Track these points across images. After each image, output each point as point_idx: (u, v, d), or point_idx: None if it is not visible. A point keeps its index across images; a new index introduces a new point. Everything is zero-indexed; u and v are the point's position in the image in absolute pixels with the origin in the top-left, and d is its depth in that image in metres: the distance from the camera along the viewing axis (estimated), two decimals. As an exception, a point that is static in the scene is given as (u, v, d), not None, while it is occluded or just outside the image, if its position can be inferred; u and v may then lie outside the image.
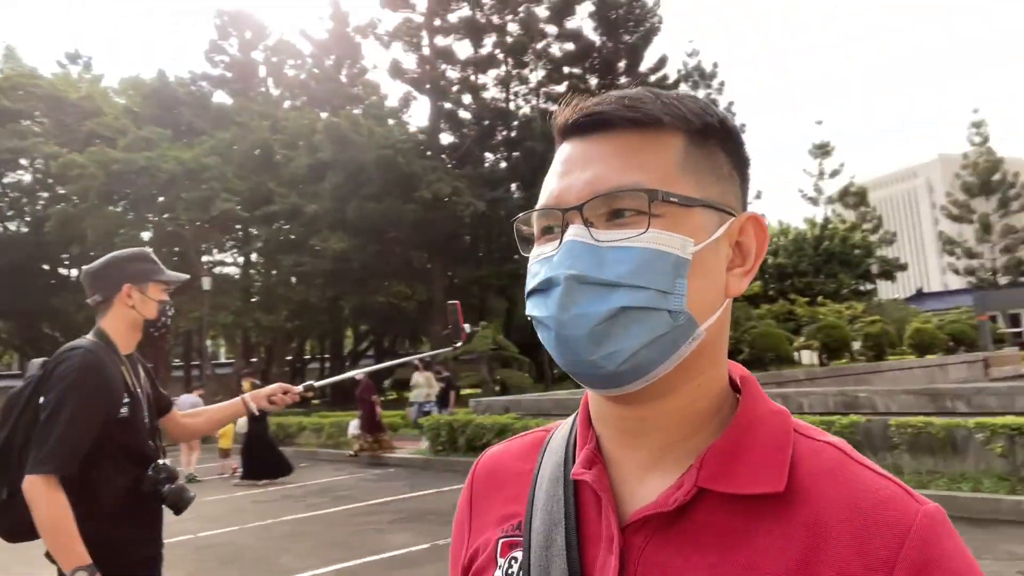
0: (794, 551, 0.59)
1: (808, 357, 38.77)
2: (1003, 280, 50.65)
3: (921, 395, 8.14)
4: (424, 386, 17.27)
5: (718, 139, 0.69)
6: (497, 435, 11.72)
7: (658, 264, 0.63)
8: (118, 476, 2.23)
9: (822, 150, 57.85)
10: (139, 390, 2.35)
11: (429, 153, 30.09)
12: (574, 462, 0.71)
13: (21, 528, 2.12)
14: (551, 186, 0.69)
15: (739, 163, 0.71)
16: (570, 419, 0.79)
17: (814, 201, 58.02)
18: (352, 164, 26.89)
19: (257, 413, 2.70)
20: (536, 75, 32.82)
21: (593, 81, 33.03)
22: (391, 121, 31.99)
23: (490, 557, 0.74)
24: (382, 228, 27.54)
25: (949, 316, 49.00)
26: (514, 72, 32.27)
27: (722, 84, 39.89)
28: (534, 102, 32.45)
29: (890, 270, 54.32)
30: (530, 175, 28.89)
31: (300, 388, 2.67)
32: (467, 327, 4.19)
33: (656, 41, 33.30)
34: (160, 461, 2.32)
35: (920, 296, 69.15)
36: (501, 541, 0.73)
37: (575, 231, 0.65)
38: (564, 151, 0.70)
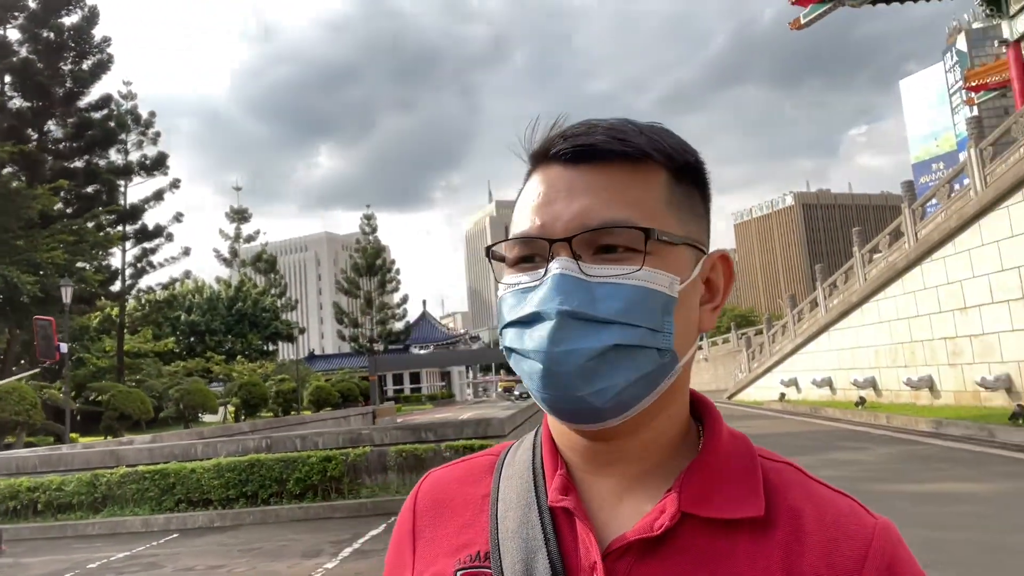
0: (775, 568, 0.62)
1: (221, 413, 40.01)
2: (379, 347, 61.31)
3: (405, 430, 11.15)
4: None
5: (693, 177, 0.70)
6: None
7: (649, 302, 0.63)
8: None
9: (240, 215, 60.59)
10: None
11: None
12: (544, 488, 0.70)
13: None
14: (532, 213, 0.68)
15: (707, 201, 0.72)
16: (526, 442, 0.78)
17: (228, 263, 59.76)
18: None
19: None
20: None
21: (18, 102, 29.15)
22: None
23: None
24: None
25: (337, 375, 57.01)
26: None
27: (158, 134, 38.29)
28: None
29: (293, 333, 59.86)
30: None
31: None
32: (62, 346, 4.69)
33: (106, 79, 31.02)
34: None
35: (312, 358, 78.19)
36: (460, 573, 0.69)
37: (563, 264, 0.63)
38: (545, 177, 0.68)
